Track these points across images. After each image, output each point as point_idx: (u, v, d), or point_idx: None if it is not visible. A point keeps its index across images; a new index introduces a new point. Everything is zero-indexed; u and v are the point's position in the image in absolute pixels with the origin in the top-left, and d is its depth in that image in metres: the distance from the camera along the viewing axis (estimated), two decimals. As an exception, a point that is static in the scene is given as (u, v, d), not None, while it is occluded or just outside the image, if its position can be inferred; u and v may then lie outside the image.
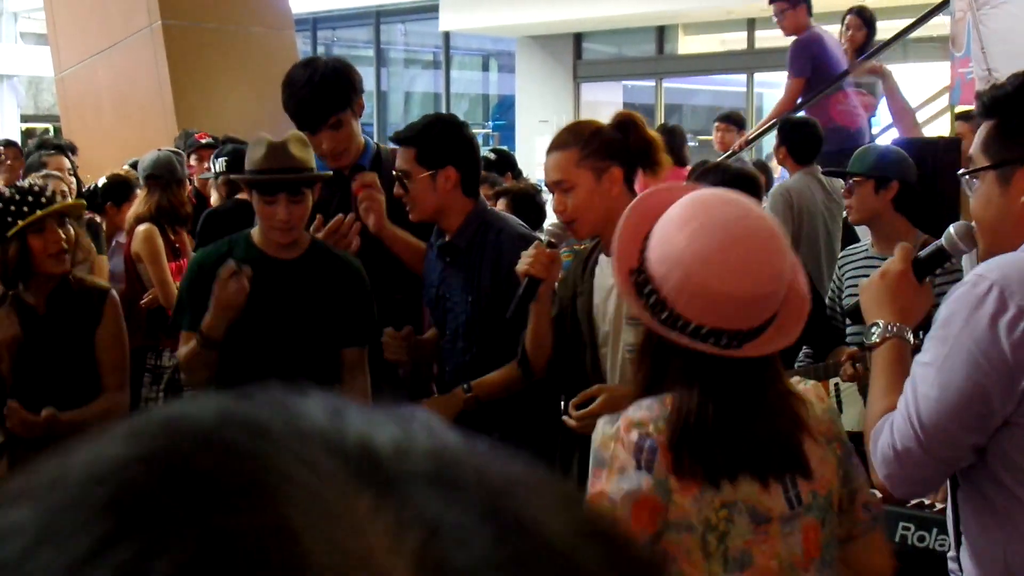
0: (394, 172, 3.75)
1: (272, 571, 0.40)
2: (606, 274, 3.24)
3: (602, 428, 2.15)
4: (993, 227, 2.34)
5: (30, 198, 3.91)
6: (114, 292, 4.15)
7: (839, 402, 4.09)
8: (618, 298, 3.24)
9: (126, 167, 7.41)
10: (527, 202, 5.79)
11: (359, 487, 0.43)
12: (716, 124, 9.46)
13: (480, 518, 0.43)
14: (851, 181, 4.58)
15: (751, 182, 4.41)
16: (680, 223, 2.11)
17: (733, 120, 9.45)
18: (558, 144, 3.32)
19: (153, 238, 5.70)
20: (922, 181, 4.65)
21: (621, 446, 2.08)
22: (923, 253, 2.46)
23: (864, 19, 8.60)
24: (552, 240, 3.38)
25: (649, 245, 2.15)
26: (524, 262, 3.30)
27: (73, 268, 4.05)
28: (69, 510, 0.42)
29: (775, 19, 8.43)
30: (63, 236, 3.91)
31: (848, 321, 4.30)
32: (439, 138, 3.76)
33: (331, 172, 3.98)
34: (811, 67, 7.81)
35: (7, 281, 3.92)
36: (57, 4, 10.69)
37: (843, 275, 4.59)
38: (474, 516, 0.43)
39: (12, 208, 3.88)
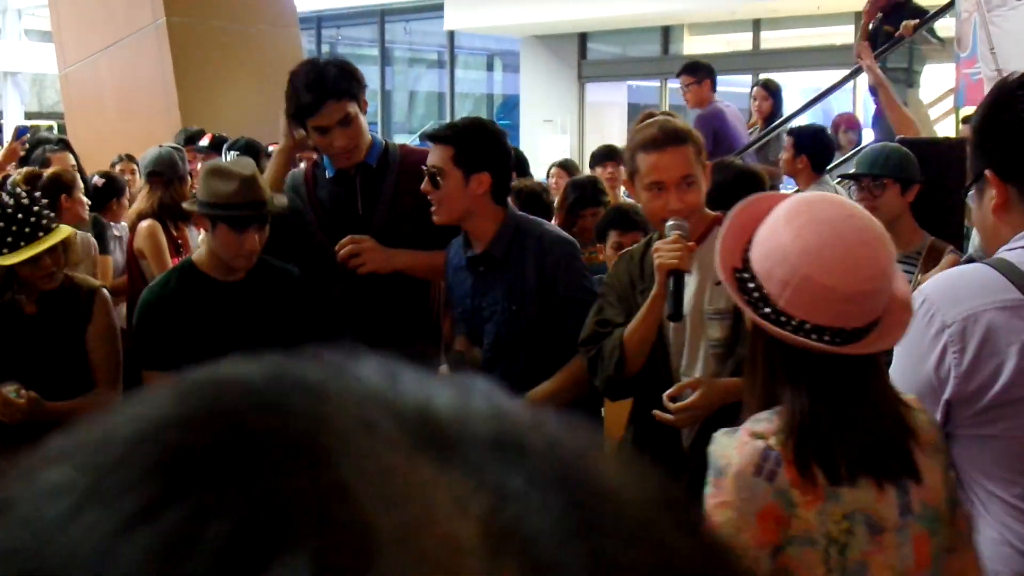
0: (426, 167, 3.71)
1: (331, 535, 0.38)
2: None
3: (721, 439, 2.12)
4: (982, 236, 2.53)
5: (27, 229, 3.84)
6: (104, 290, 4.15)
7: None
8: (695, 295, 3.25)
9: (116, 164, 7.45)
10: (535, 200, 5.82)
11: (420, 450, 0.41)
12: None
13: (548, 484, 0.41)
14: (875, 183, 4.56)
15: (756, 180, 4.39)
16: (786, 219, 2.12)
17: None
18: (676, 139, 3.28)
19: (156, 234, 5.71)
20: (927, 183, 4.64)
21: (742, 456, 2.06)
22: None
23: (769, 91, 9.28)
24: (683, 233, 3.25)
25: (753, 244, 2.16)
26: (670, 256, 3.17)
27: (64, 269, 4.03)
28: (116, 470, 0.40)
29: (681, 91, 8.96)
30: (51, 262, 3.90)
31: None
32: (479, 142, 3.73)
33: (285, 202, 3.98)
34: (712, 140, 7.90)
35: None
36: (62, 1, 10.69)
37: None
38: (542, 482, 0.41)
39: (14, 228, 3.83)
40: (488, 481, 0.41)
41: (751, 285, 2.13)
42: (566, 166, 8.82)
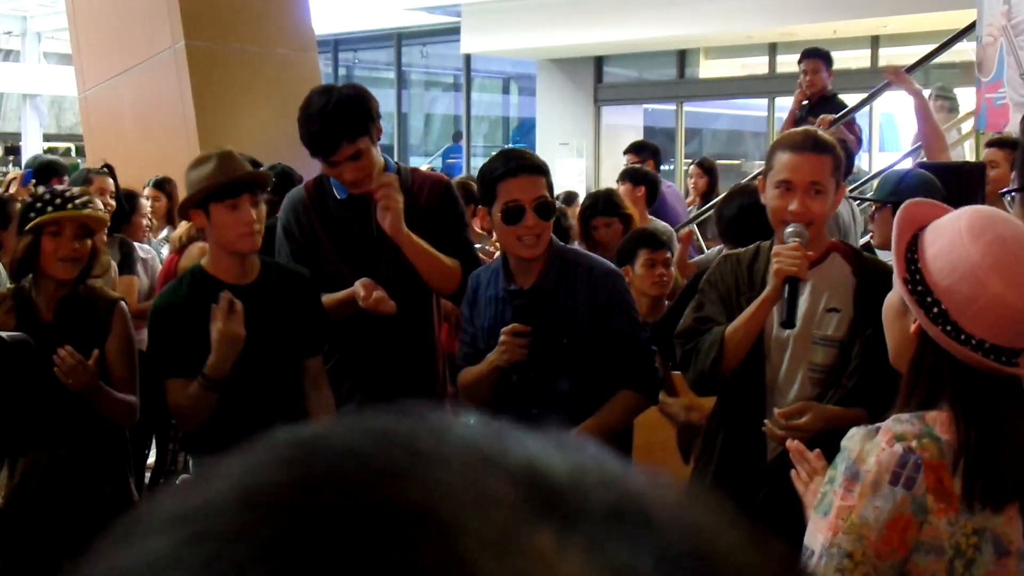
0: (543, 200, 3.62)
1: None
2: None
3: (859, 437, 2.09)
4: None
5: (58, 200, 3.95)
6: (123, 303, 4.16)
7: None
8: (805, 316, 3.22)
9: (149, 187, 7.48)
10: (555, 224, 5.85)
11: (538, 520, 0.39)
12: (690, 170, 9.60)
13: (675, 562, 0.39)
14: (872, 207, 4.57)
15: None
16: (971, 235, 2.06)
17: (702, 166, 9.69)
18: (816, 147, 3.26)
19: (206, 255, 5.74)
20: (948, 204, 4.63)
21: (880, 460, 2.02)
22: None
23: (704, 168, 9.60)
24: (802, 240, 3.24)
25: (926, 257, 2.10)
26: (789, 262, 3.15)
27: (87, 279, 4.05)
28: (233, 543, 0.38)
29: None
30: (78, 247, 3.93)
31: None
32: (545, 164, 3.74)
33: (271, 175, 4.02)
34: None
35: (13, 274, 3.94)
36: (81, 24, 10.75)
37: None
38: (668, 560, 0.39)
39: (38, 206, 3.92)
40: (612, 559, 0.38)
41: (929, 300, 2.08)
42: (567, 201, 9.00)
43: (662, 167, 9.44)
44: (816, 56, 8.79)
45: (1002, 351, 2.04)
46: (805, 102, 8.59)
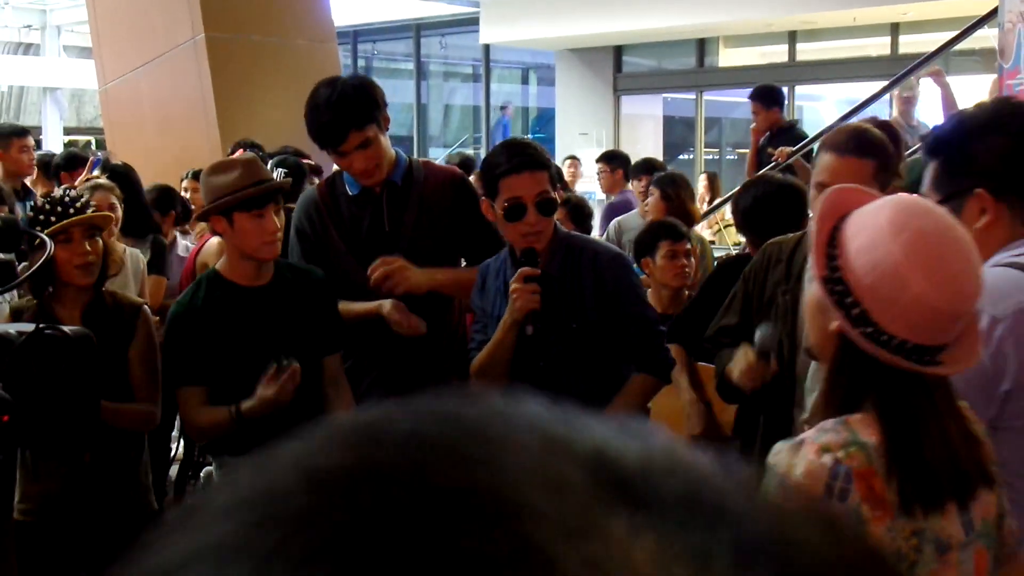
0: (546, 197, 3.59)
1: None
2: None
3: (784, 453, 2.02)
4: None
5: (59, 208, 3.94)
6: (147, 308, 4.16)
7: None
8: None
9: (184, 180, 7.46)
10: (579, 211, 6.31)
11: (610, 505, 0.38)
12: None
13: (751, 552, 0.38)
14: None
15: (797, 193, 4.38)
16: (892, 232, 1.96)
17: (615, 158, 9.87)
18: (860, 149, 3.23)
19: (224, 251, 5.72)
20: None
21: (810, 476, 1.96)
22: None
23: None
24: (764, 349, 3.25)
25: (847, 252, 2.01)
26: (738, 370, 3.24)
27: (105, 280, 4.06)
28: (301, 529, 0.37)
29: (598, 177, 9.68)
30: (89, 248, 3.94)
31: None
32: (548, 158, 3.71)
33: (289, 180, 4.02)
34: (617, 228, 7.98)
35: (33, 290, 3.94)
36: (101, 17, 10.78)
37: None
38: (744, 549, 0.37)
39: (41, 218, 3.91)
40: (687, 545, 0.37)
41: (848, 300, 1.99)
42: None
43: (680, 157, 9.46)
44: (755, 98, 9.16)
45: (924, 350, 1.98)
46: (767, 133, 8.88)
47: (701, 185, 11.26)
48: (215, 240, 5.80)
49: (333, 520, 0.37)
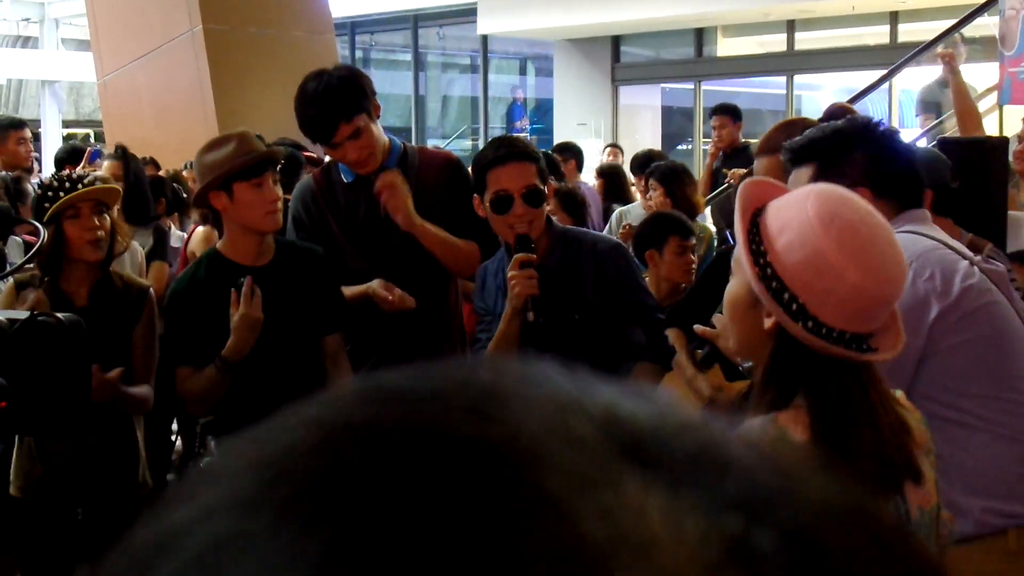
0: (532, 189, 3.58)
1: (556, 554, 0.35)
2: None
3: None
4: None
5: (67, 184, 3.96)
6: (152, 291, 4.18)
7: None
8: None
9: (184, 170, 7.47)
10: (571, 201, 6.20)
11: (623, 461, 0.38)
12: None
13: (757, 504, 0.38)
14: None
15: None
16: (821, 224, 1.96)
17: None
18: (766, 149, 3.26)
19: (212, 240, 5.74)
20: (970, 180, 4.61)
21: None
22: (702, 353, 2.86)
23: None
24: None
25: (775, 248, 2.00)
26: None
27: (112, 259, 4.08)
28: (314, 483, 0.38)
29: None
30: (98, 223, 3.95)
31: None
32: (538, 153, 3.70)
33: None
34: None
35: (44, 267, 3.96)
36: (99, 10, 10.78)
37: None
38: (752, 502, 0.38)
39: (50, 195, 3.93)
40: (697, 498, 0.38)
41: (786, 296, 1.97)
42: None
43: (678, 147, 9.48)
44: (724, 112, 9.14)
45: (860, 338, 1.99)
46: (720, 153, 8.93)
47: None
48: (201, 229, 5.82)
49: (349, 474, 0.38)
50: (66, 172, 4.17)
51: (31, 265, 3.96)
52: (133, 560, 0.40)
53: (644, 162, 8.41)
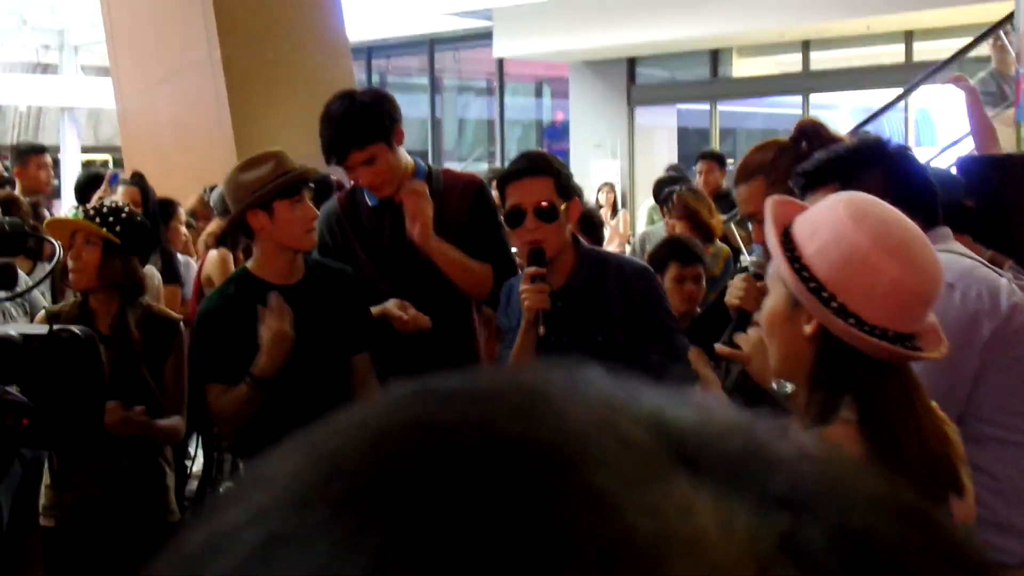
0: (540, 203, 3.60)
1: (606, 548, 0.36)
2: None
3: None
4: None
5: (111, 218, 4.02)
6: (182, 324, 4.21)
7: None
8: None
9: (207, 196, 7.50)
10: (588, 222, 6.13)
11: (670, 461, 0.39)
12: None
13: (805, 503, 0.39)
14: None
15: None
16: (854, 221, 1.96)
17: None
18: (744, 176, 3.20)
19: (227, 261, 5.76)
20: (990, 197, 4.61)
21: None
22: None
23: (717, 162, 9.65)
24: (759, 271, 3.14)
25: (807, 253, 1.99)
26: (735, 295, 3.11)
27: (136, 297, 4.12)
28: (366, 481, 0.39)
29: None
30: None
31: None
32: (564, 169, 3.69)
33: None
34: None
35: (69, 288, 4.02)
36: (118, 36, 10.84)
37: None
38: (799, 502, 0.39)
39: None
40: (745, 498, 0.38)
41: (824, 295, 1.97)
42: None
43: (694, 167, 9.46)
44: (710, 158, 9.26)
45: (903, 337, 1.96)
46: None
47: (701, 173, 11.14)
48: (214, 252, 5.84)
49: (402, 472, 0.39)
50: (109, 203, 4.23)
51: (66, 299, 4.00)
52: (185, 561, 0.40)
53: (665, 186, 8.46)
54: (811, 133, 3.15)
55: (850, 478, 0.42)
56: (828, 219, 1.99)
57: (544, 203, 3.57)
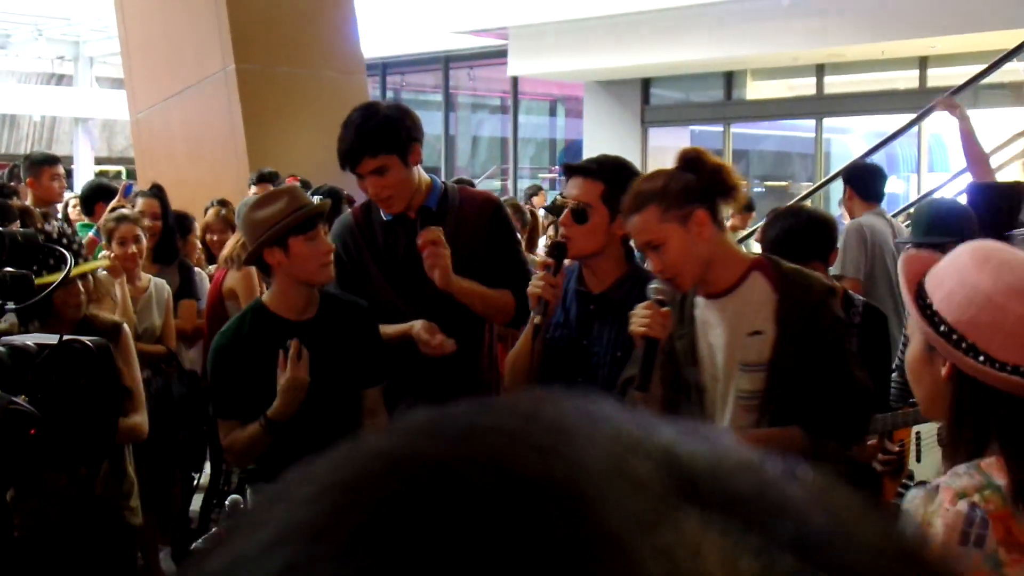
0: (577, 202, 3.66)
1: None
2: (707, 316, 3.20)
3: (918, 500, 2.04)
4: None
5: (74, 246, 4.04)
6: (126, 326, 4.28)
7: (919, 450, 4.02)
8: (727, 345, 3.15)
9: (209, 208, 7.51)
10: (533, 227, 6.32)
11: (681, 501, 0.39)
12: None
13: (814, 547, 0.39)
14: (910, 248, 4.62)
15: (825, 226, 4.38)
16: (976, 265, 2.07)
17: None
18: (635, 206, 3.17)
19: (251, 276, 5.74)
20: (998, 226, 4.61)
21: (947, 524, 1.96)
22: None
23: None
24: (661, 298, 3.21)
25: (936, 299, 2.10)
26: (639, 323, 3.15)
27: (89, 306, 4.18)
28: (384, 510, 0.39)
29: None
30: (82, 290, 4.08)
31: None
32: (628, 182, 3.73)
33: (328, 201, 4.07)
34: None
35: (21, 318, 4.00)
36: (134, 49, 10.88)
37: None
38: (808, 545, 0.39)
39: (56, 253, 3.97)
40: (754, 540, 0.39)
41: (955, 337, 2.06)
42: None
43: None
44: None
45: None
46: None
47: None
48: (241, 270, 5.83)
49: (419, 505, 0.39)
50: (58, 229, 4.26)
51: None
52: None
53: None
54: (694, 160, 3.19)
55: (856, 523, 0.42)
56: (953, 266, 2.11)
57: (581, 203, 3.62)
